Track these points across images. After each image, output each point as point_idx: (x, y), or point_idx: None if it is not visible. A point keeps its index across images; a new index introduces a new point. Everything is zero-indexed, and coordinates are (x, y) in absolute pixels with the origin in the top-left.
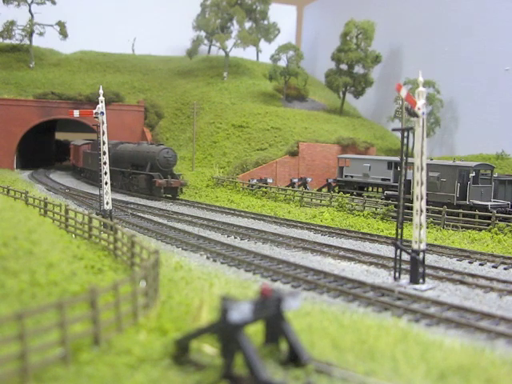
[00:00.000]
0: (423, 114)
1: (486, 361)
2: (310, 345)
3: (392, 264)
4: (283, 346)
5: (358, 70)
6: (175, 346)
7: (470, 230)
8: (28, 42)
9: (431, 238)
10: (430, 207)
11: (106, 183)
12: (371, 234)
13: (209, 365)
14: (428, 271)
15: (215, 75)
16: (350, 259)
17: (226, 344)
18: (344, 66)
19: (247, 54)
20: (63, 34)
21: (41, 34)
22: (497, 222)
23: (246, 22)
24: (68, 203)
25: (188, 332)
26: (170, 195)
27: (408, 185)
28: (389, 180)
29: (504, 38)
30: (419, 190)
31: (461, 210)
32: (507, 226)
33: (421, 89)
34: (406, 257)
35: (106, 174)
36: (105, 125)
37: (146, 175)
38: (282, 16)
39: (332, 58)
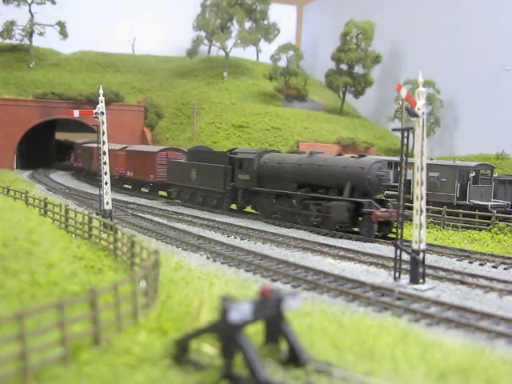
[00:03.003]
0: (423, 114)
1: (486, 361)
2: (309, 345)
3: (392, 264)
4: (283, 346)
5: (358, 70)
6: (175, 346)
7: (470, 230)
8: (28, 42)
9: (431, 237)
10: (430, 207)
11: (106, 183)
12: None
13: (209, 365)
14: (428, 271)
15: (215, 75)
16: (350, 259)
17: (226, 344)
18: (344, 66)
19: (247, 53)
20: (63, 34)
21: (41, 33)
22: (497, 222)
23: (246, 22)
24: (68, 203)
25: (188, 332)
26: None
27: (408, 185)
28: (389, 180)
29: (504, 38)
30: (419, 190)
31: (461, 210)
32: (507, 226)
33: (421, 89)
34: (406, 257)
35: (106, 174)
36: (105, 125)
37: (347, 203)
38: (281, 16)
39: (332, 58)
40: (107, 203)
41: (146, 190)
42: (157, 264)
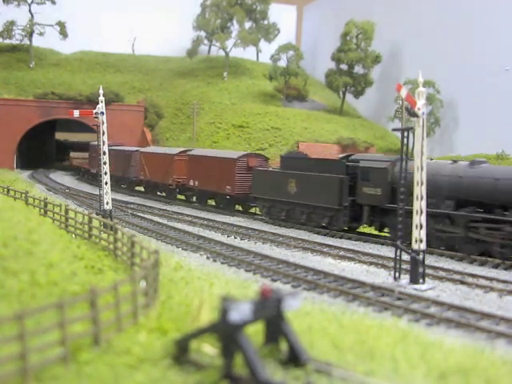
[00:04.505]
0: (423, 114)
1: (486, 361)
2: (309, 345)
3: (392, 264)
4: (283, 346)
5: (358, 70)
6: (175, 346)
7: None
8: (28, 42)
9: None
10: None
11: (106, 183)
12: (371, 234)
13: (209, 365)
14: (428, 271)
15: (215, 75)
16: (350, 259)
17: (226, 344)
18: (344, 66)
19: (247, 53)
20: (63, 34)
21: (41, 33)
22: None
23: (246, 22)
24: (68, 203)
25: (188, 332)
26: None
27: None
28: None
29: (504, 38)
30: (419, 190)
31: None
32: None
33: (421, 89)
34: (406, 257)
35: (106, 174)
36: (105, 125)
37: None
38: (282, 16)
39: (332, 58)
40: (107, 203)
41: (213, 203)
42: (157, 264)
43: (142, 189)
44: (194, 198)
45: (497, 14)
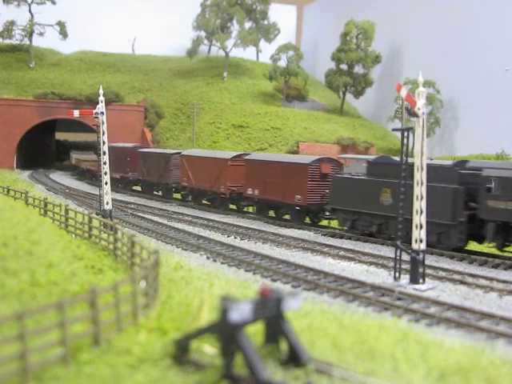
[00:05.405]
0: (423, 114)
1: (486, 361)
2: (310, 345)
3: (392, 264)
4: (283, 346)
5: (358, 70)
6: (175, 346)
7: None
8: (28, 42)
9: None
10: None
11: (106, 183)
12: (371, 234)
13: (209, 365)
14: (428, 271)
15: (215, 75)
16: (350, 259)
17: (226, 344)
18: (344, 66)
19: (247, 54)
20: (63, 34)
21: (41, 34)
22: None
23: (246, 22)
24: (68, 203)
25: (188, 332)
26: None
27: None
28: None
29: (504, 38)
30: (419, 190)
31: None
32: None
33: (421, 89)
34: (406, 257)
35: (105, 174)
36: (105, 125)
37: None
38: (282, 16)
39: (332, 58)
40: (107, 203)
41: (273, 215)
42: (157, 264)
43: (179, 196)
44: (251, 209)
45: (497, 15)
